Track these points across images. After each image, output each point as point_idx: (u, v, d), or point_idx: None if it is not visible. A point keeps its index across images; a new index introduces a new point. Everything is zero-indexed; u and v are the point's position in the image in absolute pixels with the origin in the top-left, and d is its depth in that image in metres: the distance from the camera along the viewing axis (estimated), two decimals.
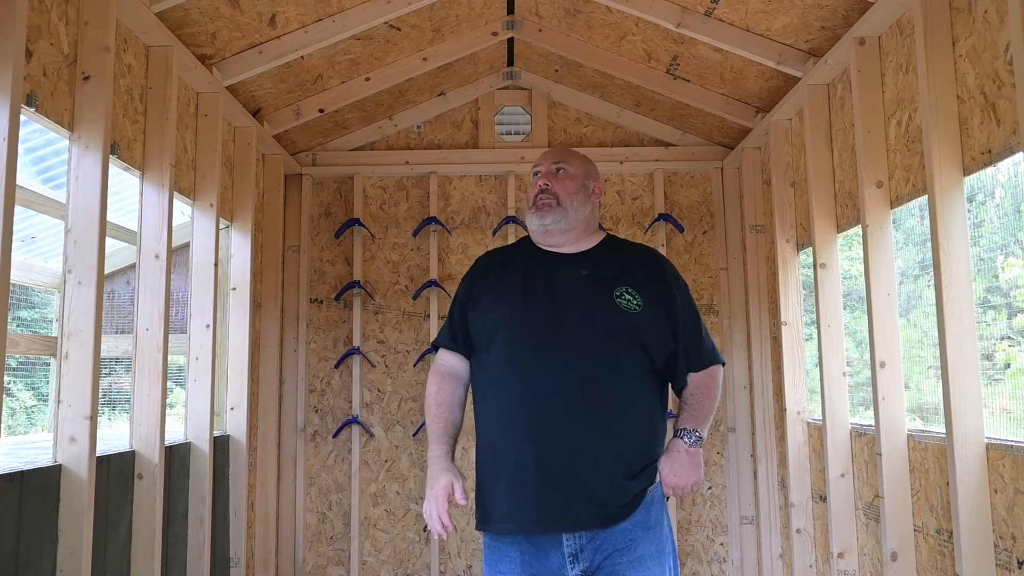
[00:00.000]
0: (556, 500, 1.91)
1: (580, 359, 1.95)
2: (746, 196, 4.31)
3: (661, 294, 2.06)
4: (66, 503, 2.29)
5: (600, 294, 2.01)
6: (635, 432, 1.99)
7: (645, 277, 2.07)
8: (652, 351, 2.01)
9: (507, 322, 2.03)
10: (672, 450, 2.03)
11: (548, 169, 2.14)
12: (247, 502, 3.81)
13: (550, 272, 2.07)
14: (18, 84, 2.01)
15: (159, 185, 2.88)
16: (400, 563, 4.41)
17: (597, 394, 1.94)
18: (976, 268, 2.39)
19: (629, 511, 1.94)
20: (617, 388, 1.96)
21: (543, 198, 2.09)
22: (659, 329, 2.02)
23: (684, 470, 2.01)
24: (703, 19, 3.29)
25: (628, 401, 1.98)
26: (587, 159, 2.21)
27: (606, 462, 1.92)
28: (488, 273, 2.14)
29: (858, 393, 3.35)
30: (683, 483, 2.01)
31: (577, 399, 1.93)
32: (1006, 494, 2.18)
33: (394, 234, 4.59)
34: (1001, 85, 2.18)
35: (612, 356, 1.97)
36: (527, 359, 1.97)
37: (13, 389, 3.74)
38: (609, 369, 1.96)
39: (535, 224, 2.10)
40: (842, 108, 3.22)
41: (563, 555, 1.92)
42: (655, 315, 2.02)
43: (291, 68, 3.66)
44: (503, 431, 1.99)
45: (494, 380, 2.03)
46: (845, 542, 3.11)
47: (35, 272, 3.37)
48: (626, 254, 2.17)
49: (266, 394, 4.27)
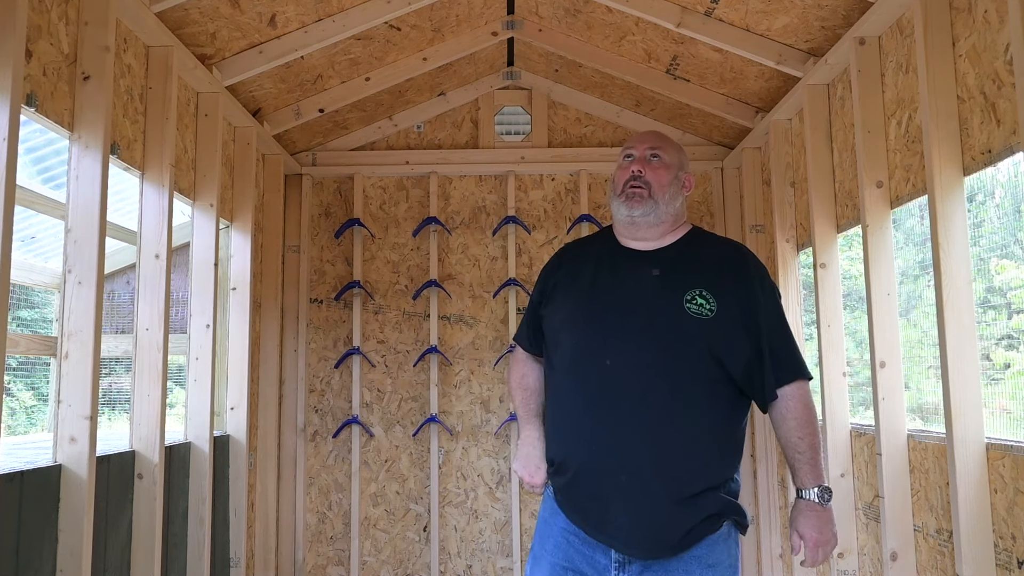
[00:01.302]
0: (603, 518, 1.82)
1: (639, 369, 1.82)
2: (746, 196, 4.31)
3: (740, 297, 1.86)
4: (66, 503, 2.29)
5: (670, 298, 1.85)
6: (697, 451, 1.81)
7: (725, 278, 1.88)
8: (726, 361, 1.82)
9: (570, 324, 1.94)
10: (805, 509, 1.86)
11: (642, 155, 1.96)
12: (247, 502, 3.81)
13: (622, 271, 1.93)
14: (18, 84, 2.01)
15: (159, 185, 2.88)
16: (400, 563, 4.41)
17: (652, 408, 1.80)
18: (976, 268, 2.39)
19: (677, 545, 1.79)
20: (677, 401, 1.80)
21: (635, 186, 1.92)
22: (735, 337, 1.84)
23: (824, 529, 1.85)
24: (703, 19, 3.29)
25: (691, 416, 1.81)
26: (681, 148, 2.04)
27: (652, 484, 1.78)
28: (560, 269, 2.04)
29: (858, 393, 3.35)
30: (827, 541, 1.84)
31: (633, 412, 1.80)
32: (1006, 494, 2.18)
33: (394, 234, 4.59)
34: (1001, 85, 2.18)
35: (675, 366, 1.81)
36: (585, 365, 1.87)
37: (13, 389, 3.74)
38: (670, 381, 1.81)
39: (622, 214, 1.95)
40: (842, 108, 3.22)
41: (610, 559, 1.82)
42: (730, 321, 1.83)
43: (291, 68, 3.66)
44: (561, 435, 1.93)
45: (558, 384, 1.95)
46: (845, 542, 3.11)
47: (35, 272, 3.37)
48: (709, 251, 1.97)
49: (266, 394, 4.28)
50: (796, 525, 1.86)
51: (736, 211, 4.49)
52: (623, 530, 1.80)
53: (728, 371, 1.83)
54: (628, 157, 1.99)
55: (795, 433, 1.87)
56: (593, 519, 1.84)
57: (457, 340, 4.52)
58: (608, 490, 1.81)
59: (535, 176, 4.60)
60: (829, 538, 1.85)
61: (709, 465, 1.82)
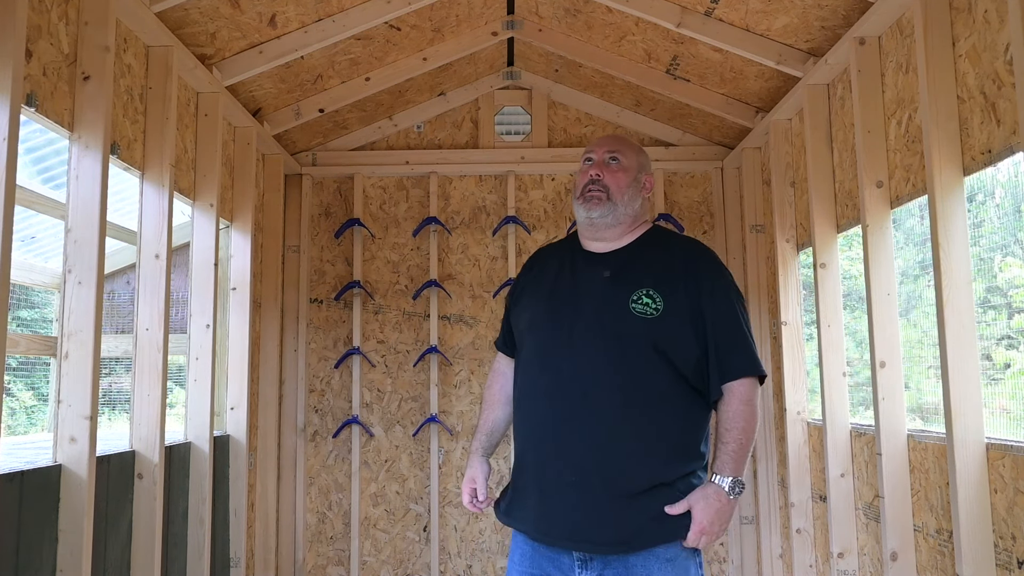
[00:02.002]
0: (554, 514, 1.87)
1: (583, 368, 1.87)
2: (746, 196, 4.31)
3: (690, 295, 1.89)
4: (66, 503, 2.29)
5: (617, 298, 1.89)
6: (642, 448, 1.84)
7: (674, 276, 1.91)
8: (674, 359, 1.86)
9: (530, 325, 2.02)
10: (711, 493, 1.84)
11: (601, 158, 2.01)
12: (247, 502, 3.81)
13: (578, 273, 1.99)
14: (18, 84, 2.01)
15: (159, 185, 2.88)
16: (400, 563, 4.41)
17: (594, 406, 1.85)
18: (976, 268, 2.39)
19: (633, 542, 1.82)
20: (620, 400, 1.85)
21: (593, 190, 1.98)
22: (681, 334, 1.87)
23: (720, 519, 1.84)
24: (703, 19, 3.29)
25: (635, 414, 1.85)
26: (641, 150, 2.09)
27: (594, 480, 1.83)
28: (532, 271, 2.12)
29: (858, 393, 3.35)
30: (717, 532, 1.83)
31: (575, 411, 1.86)
32: (1006, 494, 2.18)
33: (394, 234, 4.59)
34: (1001, 85, 2.18)
35: (619, 366, 1.85)
36: (538, 365, 1.95)
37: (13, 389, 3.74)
38: (613, 380, 1.85)
39: (581, 216, 2.00)
40: (842, 108, 3.22)
41: (572, 558, 1.87)
42: (677, 319, 1.87)
43: (291, 68, 3.66)
44: (520, 435, 2.00)
45: (519, 384, 2.02)
46: (845, 542, 3.11)
47: (35, 272, 3.37)
48: (663, 251, 2.00)
49: (266, 394, 4.28)
50: (693, 501, 1.84)
51: (736, 211, 4.49)
52: (568, 527, 1.85)
53: (677, 368, 1.87)
54: (588, 161, 2.05)
55: (724, 424, 1.88)
56: (538, 520, 1.90)
57: (457, 340, 4.52)
58: (554, 487, 1.87)
59: (535, 176, 4.60)
60: (717, 530, 1.83)
61: (656, 462, 1.85)
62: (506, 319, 2.15)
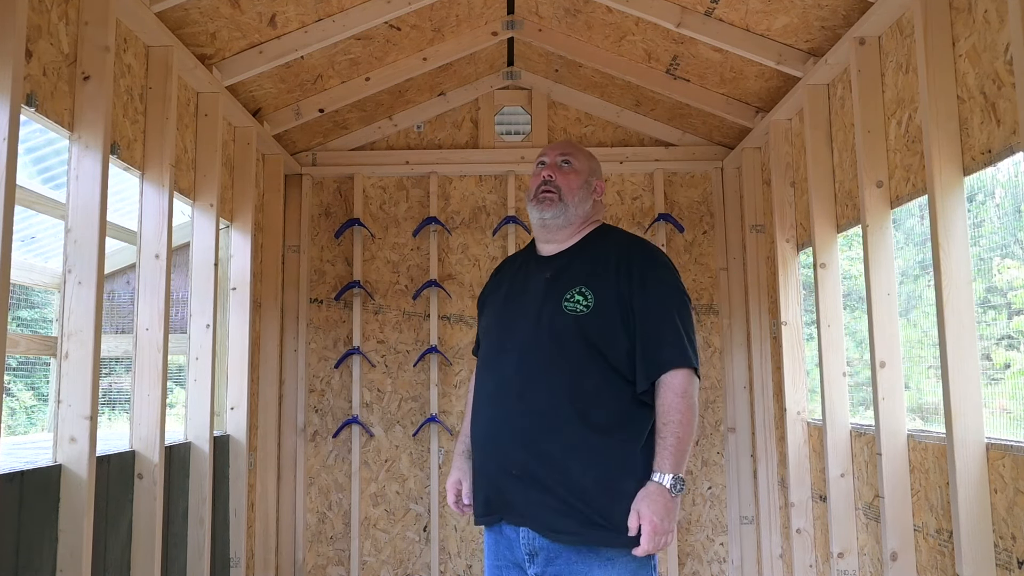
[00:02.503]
0: (496, 497, 1.96)
1: (520, 369, 1.94)
2: (746, 196, 4.31)
3: (621, 290, 1.93)
4: (66, 503, 2.29)
5: (553, 299, 1.95)
6: (576, 444, 1.87)
7: (607, 273, 1.96)
8: (606, 353, 1.90)
9: (485, 331, 2.15)
10: (654, 492, 1.83)
11: (553, 161, 2.09)
12: (247, 502, 3.81)
13: (528, 277, 2.08)
14: (18, 84, 2.01)
15: (159, 185, 2.88)
16: (400, 563, 4.41)
17: (530, 405, 1.90)
18: (976, 268, 2.39)
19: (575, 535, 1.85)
20: (554, 398, 1.89)
21: (545, 191, 2.05)
22: (611, 329, 1.91)
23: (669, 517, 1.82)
24: (703, 19, 3.29)
25: (570, 411, 1.88)
26: (592, 156, 2.17)
27: (529, 479, 1.89)
28: (495, 278, 2.24)
29: (858, 393, 3.35)
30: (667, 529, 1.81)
31: (513, 410, 1.93)
32: (1006, 494, 2.18)
33: (394, 234, 4.59)
34: (1001, 85, 2.18)
35: (552, 365, 1.90)
36: (487, 368, 2.06)
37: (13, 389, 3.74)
38: (550, 379, 1.90)
39: (535, 218, 2.08)
40: (842, 108, 3.22)
41: (522, 551, 1.93)
42: (608, 314, 1.91)
43: (291, 68, 3.65)
44: (472, 436, 2.10)
45: (474, 388, 2.14)
46: (845, 542, 3.11)
47: (35, 272, 3.37)
48: (602, 248, 2.04)
49: (266, 394, 4.28)
50: (639, 505, 1.83)
51: (736, 211, 4.48)
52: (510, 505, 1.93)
53: (611, 363, 1.90)
54: (540, 164, 2.13)
55: (660, 419, 1.87)
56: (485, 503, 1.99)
57: (457, 340, 4.52)
58: (497, 482, 1.95)
59: None
60: (668, 528, 1.82)
61: (591, 457, 1.87)
62: (477, 327, 2.27)
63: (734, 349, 4.38)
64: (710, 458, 4.44)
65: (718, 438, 4.44)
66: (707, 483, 4.44)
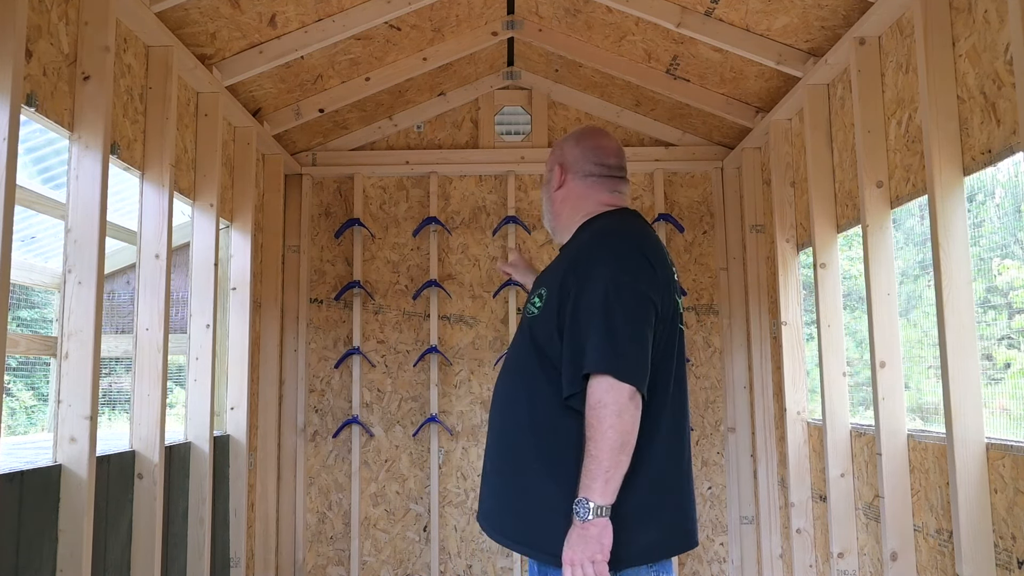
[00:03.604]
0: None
1: (501, 372, 1.97)
2: (746, 196, 4.31)
3: (562, 290, 1.77)
4: (66, 503, 2.29)
5: (527, 302, 1.94)
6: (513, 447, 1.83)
7: (561, 271, 1.82)
8: (551, 356, 1.76)
9: None
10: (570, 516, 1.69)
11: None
12: (247, 502, 3.81)
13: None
14: (18, 84, 2.01)
15: (159, 185, 2.88)
16: (400, 563, 4.41)
17: (498, 407, 1.93)
18: (976, 268, 2.39)
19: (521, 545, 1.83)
20: (511, 398, 1.87)
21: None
22: (548, 329, 1.78)
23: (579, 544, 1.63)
24: (703, 19, 3.29)
25: (520, 412, 1.83)
26: (562, 143, 2.03)
27: (487, 477, 1.91)
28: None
29: (858, 393, 3.35)
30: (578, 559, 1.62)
31: (492, 412, 1.96)
32: (1006, 494, 2.18)
33: (394, 234, 4.59)
34: (1001, 85, 2.18)
35: (514, 368, 1.90)
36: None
37: (13, 389, 3.74)
38: (511, 381, 1.89)
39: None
40: (842, 108, 3.22)
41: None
42: (548, 316, 1.78)
43: (291, 68, 3.65)
44: None
45: None
46: (845, 542, 3.11)
47: (35, 272, 3.37)
48: (573, 246, 1.93)
49: (266, 394, 4.28)
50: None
51: (736, 211, 4.48)
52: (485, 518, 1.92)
53: (556, 367, 1.75)
54: None
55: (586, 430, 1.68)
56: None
57: (457, 340, 4.52)
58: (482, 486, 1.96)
59: (535, 176, 4.60)
60: (579, 557, 1.62)
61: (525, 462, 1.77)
62: None
63: (734, 349, 4.38)
64: (710, 458, 4.44)
65: (718, 438, 4.44)
66: (707, 483, 4.44)
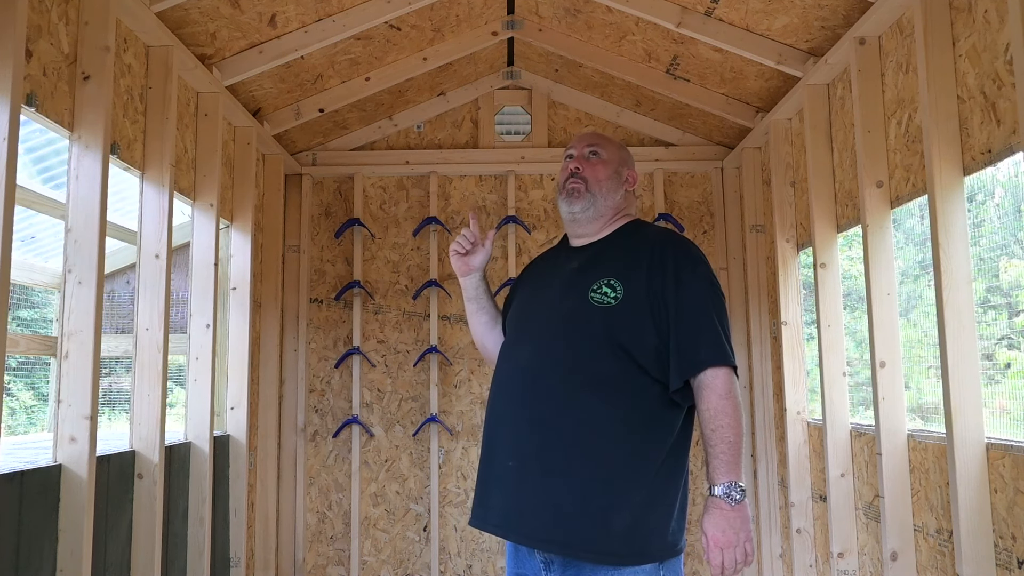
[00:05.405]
0: (492, 500, 1.83)
1: (534, 357, 1.85)
2: (746, 196, 4.31)
3: (652, 283, 1.81)
4: (66, 503, 2.29)
5: (578, 289, 1.86)
6: (587, 436, 1.75)
7: (639, 266, 1.85)
8: (632, 350, 1.78)
9: (510, 319, 2.07)
10: (711, 507, 1.74)
11: (581, 152, 2.02)
12: (247, 502, 3.81)
13: (557, 269, 2.00)
14: (18, 84, 2.01)
15: (159, 185, 2.88)
16: (400, 563, 4.41)
17: (543, 399, 1.80)
18: (976, 268, 2.39)
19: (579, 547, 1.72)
20: (570, 393, 1.78)
21: (573, 183, 1.99)
22: (639, 324, 1.79)
23: (732, 528, 1.72)
24: (703, 19, 3.29)
25: (587, 408, 1.77)
26: (623, 147, 2.09)
27: (535, 466, 1.77)
28: (527, 270, 2.19)
29: (858, 393, 3.35)
30: (733, 542, 1.72)
31: (523, 397, 1.83)
32: (1006, 494, 2.18)
33: (394, 234, 4.59)
34: (1001, 85, 2.18)
35: (572, 354, 1.80)
36: (504, 359, 1.96)
37: (13, 389, 3.74)
38: (563, 371, 1.80)
39: (564, 212, 2.01)
40: (842, 108, 3.22)
41: (537, 559, 1.82)
42: (636, 308, 1.80)
43: (291, 68, 3.65)
44: (484, 428, 1.99)
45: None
46: (845, 542, 3.11)
47: (35, 272, 3.37)
48: (634, 241, 1.94)
49: (266, 394, 4.28)
50: (702, 524, 1.75)
51: (736, 211, 4.48)
52: (504, 514, 1.80)
53: (636, 359, 1.78)
54: (568, 157, 2.07)
55: (707, 425, 1.76)
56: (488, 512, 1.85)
57: (457, 340, 4.52)
58: (497, 474, 1.83)
59: (535, 176, 4.60)
60: (733, 540, 1.72)
61: (606, 453, 1.75)
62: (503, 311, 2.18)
63: (734, 349, 4.38)
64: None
65: None
66: (707, 483, 4.43)
